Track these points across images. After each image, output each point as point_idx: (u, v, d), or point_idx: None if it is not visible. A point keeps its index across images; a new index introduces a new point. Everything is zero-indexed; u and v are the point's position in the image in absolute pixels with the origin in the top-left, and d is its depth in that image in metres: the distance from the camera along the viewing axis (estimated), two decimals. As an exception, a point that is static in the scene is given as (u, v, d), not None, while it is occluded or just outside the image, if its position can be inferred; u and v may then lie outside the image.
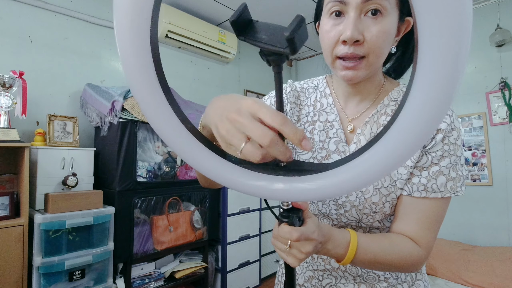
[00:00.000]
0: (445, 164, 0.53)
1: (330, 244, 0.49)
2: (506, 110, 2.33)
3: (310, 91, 0.67)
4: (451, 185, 0.53)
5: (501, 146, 2.36)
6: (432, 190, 0.53)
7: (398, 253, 0.52)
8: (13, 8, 1.78)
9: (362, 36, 0.48)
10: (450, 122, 0.53)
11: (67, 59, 1.98)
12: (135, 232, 1.76)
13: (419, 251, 0.53)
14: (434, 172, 0.53)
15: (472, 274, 2.07)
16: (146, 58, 0.29)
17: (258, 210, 2.56)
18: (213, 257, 2.30)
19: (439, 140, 0.53)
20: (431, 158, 0.53)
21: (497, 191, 2.36)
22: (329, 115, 0.62)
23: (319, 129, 0.63)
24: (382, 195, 0.56)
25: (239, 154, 0.31)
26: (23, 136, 1.75)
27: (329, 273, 0.64)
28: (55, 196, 1.47)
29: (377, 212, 0.57)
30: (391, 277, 0.61)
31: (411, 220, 0.54)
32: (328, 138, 0.61)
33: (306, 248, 0.44)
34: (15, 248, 1.37)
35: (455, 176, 0.53)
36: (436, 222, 0.55)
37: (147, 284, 1.83)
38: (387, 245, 0.53)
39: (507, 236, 2.30)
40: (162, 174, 1.95)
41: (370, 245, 0.52)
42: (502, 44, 2.32)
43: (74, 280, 1.49)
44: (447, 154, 0.53)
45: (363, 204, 0.57)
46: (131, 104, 1.79)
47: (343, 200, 0.59)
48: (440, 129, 0.53)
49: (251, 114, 0.31)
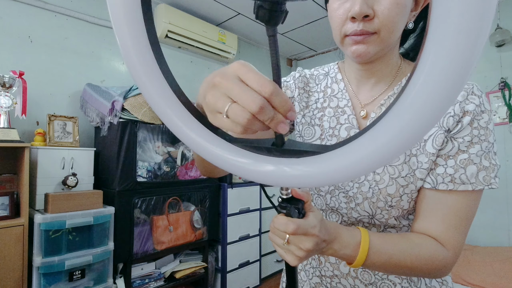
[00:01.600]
0: (475, 151, 0.46)
1: (337, 244, 0.44)
2: (506, 110, 2.33)
3: (321, 78, 0.63)
4: (484, 176, 0.46)
5: (501, 146, 2.36)
6: (461, 182, 0.46)
7: (419, 256, 0.45)
8: (13, 8, 1.78)
9: (372, 11, 0.44)
10: (480, 103, 0.46)
11: (67, 59, 1.98)
12: (135, 232, 1.76)
13: (445, 254, 0.46)
14: (463, 161, 0.46)
15: (472, 274, 2.07)
16: (137, 14, 0.27)
17: (258, 210, 2.56)
18: (213, 257, 2.30)
19: (466, 123, 0.46)
20: (458, 145, 0.46)
21: (497, 191, 2.36)
22: (340, 100, 0.58)
23: (329, 115, 0.58)
24: (400, 185, 0.49)
25: (225, 118, 0.28)
26: (23, 136, 1.75)
27: (338, 281, 0.57)
28: (55, 196, 1.47)
29: (393, 206, 0.50)
30: (409, 286, 0.53)
31: (436, 218, 0.47)
32: (339, 124, 0.57)
33: (305, 244, 0.39)
34: (15, 248, 1.37)
35: (488, 165, 0.46)
36: (466, 219, 0.47)
37: (147, 284, 1.83)
38: (405, 246, 0.46)
39: (507, 236, 2.30)
40: (162, 174, 1.95)
41: (384, 245, 0.45)
42: (502, 44, 2.32)
43: (74, 280, 1.49)
44: (477, 139, 0.46)
45: (377, 196, 0.50)
46: (131, 104, 1.79)
47: (354, 191, 0.52)
48: (468, 111, 0.46)
49: (238, 77, 0.28)
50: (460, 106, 0.46)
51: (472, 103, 0.46)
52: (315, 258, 0.61)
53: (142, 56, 0.28)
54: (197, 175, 2.14)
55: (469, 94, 0.47)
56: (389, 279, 0.54)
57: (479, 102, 0.46)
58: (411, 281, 0.53)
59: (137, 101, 1.82)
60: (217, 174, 0.58)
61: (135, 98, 1.82)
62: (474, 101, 0.46)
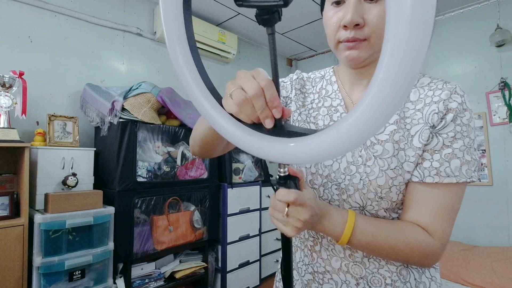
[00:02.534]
0: (458, 146, 0.50)
1: (326, 220, 0.48)
2: (506, 110, 2.33)
3: (317, 80, 0.68)
4: (466, 169, 0.49)
5: (501, 146, 2.36)
6: (446, 175, 0.49)
7: (404, 239, 0.49)
8: (13, 8, 1.78)
9: (363, 20, 0.48)
10: (462, 101, 0.50)
11: (67, 59, 1.98)
12: (135, 232, 1.76)
13: (431, 241, 0.49)
14: (447, 155, 0.50)
15: (472, 274, 2.07)
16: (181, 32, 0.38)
17: (258, 210, 2.56)
18: (213, 257, 2.30)
19: (450, 120, 0.50)
20: (443, 140, 0.50)
21: (497, 191, 2.36)
22: (334, 100, 0.62)
23: (323, 114, 0.63)
24: (389, 177, 0.52)
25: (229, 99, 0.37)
26: (23, 136, 1.75)
27: (330, 276, 0.59)
28: (55, 196, 1.47)
29: (383, 198, 0.53)
30: (399, 280, 0.55)
31: (423, 209, 0.50)
32: (332, 121, 0.61)
33: (302, 215, 0.43)
34: (15, 248, 1.37)
35: (470, 159, 0.49)
36: (451, 210, 0.50)
37: (147, 284, 1.83)
38: (391, 229, 0.50)
39: (507, 236, 2.30)
40: (162, 174, 1.95)
41: (370, 226, 0.49)
42: (502, 44, 2.32)
43: (74, 280, 1.49)
44: (460, 135, 0.50)
45: (367, 187, 0.53)
46: (131, 104, 1.79)
47: (346, 183, 0.56)
48: (451, 109, 0.50)
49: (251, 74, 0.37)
50: (444, 104, 0.50)
51: (455, 101, 0.50)
52: (308, 255, 0.63)
53: (183, 48, 0.38)
54: (197, 175, 2.14)
55: (452, 93, 0.51)
56: (379, 273, 0.55)
57: (461, 101, 0.50)
58: (401, 274, 0.55)
59: (137, 101, 1.82)
60: (212, 154, 0.63)
61: (135, 98, 1.82)
62: (457, 99, 0.50)
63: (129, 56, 2.31)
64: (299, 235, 0.66)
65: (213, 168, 2.23)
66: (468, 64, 2.54)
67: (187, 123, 2.04)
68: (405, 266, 0.56)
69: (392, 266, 0.55)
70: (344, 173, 0.56)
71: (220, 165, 2.34)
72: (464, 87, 2.17)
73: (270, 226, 2.73)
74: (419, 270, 0.57)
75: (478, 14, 2.50)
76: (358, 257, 0.56)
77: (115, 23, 2.22)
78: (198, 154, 0.64)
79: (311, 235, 0.63)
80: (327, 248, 0.59)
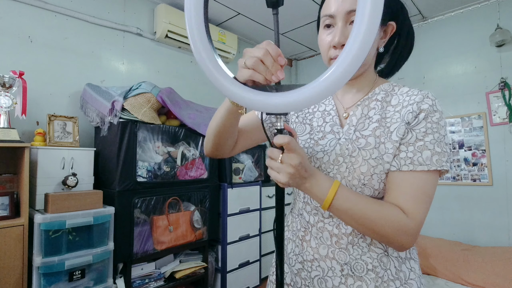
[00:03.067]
0: (429, 139, 0.58)
1: (313, 180, 0.55)
2: (506, 110, 2.33)
3: None
4: (437, 159, 0.58)
5: (501, 146, 2.36)
6: (418, 163, 0.58)
7: (381, 210, 0.55)
8: (13, 8, 1.78)
9: None
10: (432, 104, 0.60)
11: (67, 59, 1.98)
12: (135, 232, 1.76)
13: (406, 219, 0.55)
14: (419, 147, 0.58)
15: (472, 274, 2.07)
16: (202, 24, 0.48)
17: (258, 210, 2.56)
18: (213, 257, 2.30)
19: (421, 118, 0.59)
20: (416, 134, 0.59)
21: (497, 191, 2.36)
22: (327, 106, 0.74)
23: (317, 117, 0.74)
24: (370, 166, 0.60)
25: (244, 68, 0.49)
26: (23, 136, 1.75)
27: (318, 264, 0.65)
28: (55, 196, 1.47)
29: (366, 185, 0.61)
30: (379, 266, 0.61)
31: (400, 193, 0.58)
32: (325, 123, 0.71)
33: (294, 160, 0.50)
34: (15, 248, 1.37)
35: (440, 151, 0.58)
36: (424, 195, 0.57)
37: (147, 284, 1.83)
38: (370, 200, 0.57)
39: (507, 236, 2.30)
40: (162, 174, 1.95)
41: (353, 194, 0.56)
42: (502, 44, 2.32)
43: (74, 280, 1.49)
44: (431, 131, 0.59)
45: (352, 174, 0.62)
46: (131, 104, 1.79)
47: (334, 172, 0.64)
48: (423, 109, 0.60)
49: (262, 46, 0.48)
50: (417, 105, 0.60)
51: (427, 103, 0.60)
52: (298, 245, 0.70)
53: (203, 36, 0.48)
54: (197, 175, 2.15)
55: (425, 98, 0.61)
56: (362, 259, 0.62)
57: (432, 104, 0.60)
58: (381, 261, 0.62)
59: (137, 101, 1.82)
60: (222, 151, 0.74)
61: (135, 98, 1.82)
62: (428, 102, 0.60)
63: (129, 56, 2.31)
64: (292, 227, 0.74)
65: (213, 168, 2.23)
66: (468, 64, 2.54)
67: (187, 123, 2.04)
68: (385, 254, 0.62)
69: (373, 253, 0.62)
70: (333, 164, 0.65)
71: (220, 165, 2.34)
72: (464, 87, 2.17)
73: (270, 226, 2.73)
74: (399, 259, 0.63)
75: (478, 14, 2.50)
76: (343, 243, 0.63)
77: (115, 23, 2.22)
78: (210, 151, 0.74)
79: (303, 225, 0.70)
80: (316, 236, 0.67)
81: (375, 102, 0.66)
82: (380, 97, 0.66)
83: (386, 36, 0.66)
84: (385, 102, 0.65)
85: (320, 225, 0.66)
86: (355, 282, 0.62)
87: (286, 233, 0.76)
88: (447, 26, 2.67)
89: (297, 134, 0.55)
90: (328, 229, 0.65)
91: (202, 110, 2.26)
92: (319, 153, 0.68)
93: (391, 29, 0.66)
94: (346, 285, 0.62)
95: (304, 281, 0.68)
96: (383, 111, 0.64)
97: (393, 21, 0.65)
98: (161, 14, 2.36)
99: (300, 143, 0.73)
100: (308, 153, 0.70)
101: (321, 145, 0.68)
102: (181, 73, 2.65)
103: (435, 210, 2.63)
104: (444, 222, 2.58)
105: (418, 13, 2.69)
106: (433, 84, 2.71)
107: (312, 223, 0.68)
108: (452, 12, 2.63)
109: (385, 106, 0.65)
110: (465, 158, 2.52)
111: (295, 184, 0.54)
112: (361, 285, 0.61)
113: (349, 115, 0.69)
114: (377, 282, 0.61)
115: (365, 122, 0.65)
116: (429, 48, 2.73)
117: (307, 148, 0.71)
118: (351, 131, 0.65)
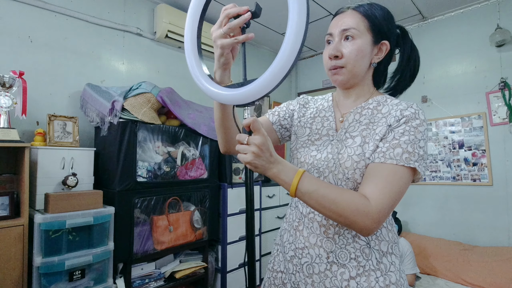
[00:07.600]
0: (404, 139, 0.64)
1: (280, 166, 0.61)
2: (506, 110, 2.33)
3: (319, 100, 0.90)
4: (406, 157, 0.63)
5: (501, 146, 2.36)
6: (389, 157, 0.64)
7: (343, 194, 0.60)
8: (13, 8, 1.78)
9: (340, 53, 0.71)
10: (415, 112, 0.67)
11: (67, 59, 1.98)
12: (135, 232, 1.76)
13: (367, 202, 0.60)
14: (394, 144, 0.65)
15: (472, 274, 2.07)
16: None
17: (258, 210, 2.56)
18: (213, 257, 2.30)
19: (402, 122, 0.66)
20: (394, 134, 0.66)
21: (497, 191, 2.36)
22: (327, 111, 0.83)
23: (317, 121, 0.83)
24: (354, 161, 0.68)
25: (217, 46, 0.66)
26: (23, 136, 1.75)
27: (307, 251, 0.73)
28: (55, 196, 1.47)
29: (349, 179, 0.68)
30: (361, 256, 0.68)
31: (369, 181, 0.63)
32: (323, 127, 0.81)
33: (257, 140, 0.57)
34: (15, 248, 1.37)
35: (411, 150, 0.63)
36: (389, 184, 0.62)
37: (147, 284, 1.83)
38: (333, 186, 0.63)
39: (507, 236, 2.30)
40: (162, 174, 1.95)
41: (316, 179, 0.63)
42: (502, 44, 2.32)
43: (74, 280, 1.49)
44: (407, 133, 0.65)
45: (338, 169, 0.70)
46: (131, 104, 1.79)
47: (323, 167, 0.73)
48: (405, 115, 0.67)
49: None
50: (401, 112, 0.68)
51: (409, 111, 0.67)
52: (292, 234, 0.78)
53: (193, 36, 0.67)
54: (197, 175, 2.15)
55: (409, 107, 0.68)
56: (346, 248, 0.69)
57: (415, 112, 0.67)
58: (363, 252, 0.68)
59: (137, 101, 1.82)
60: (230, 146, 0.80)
61: (135, 98, 1.82)
62: (411, 110, 0.67)
63: (129, 56, 2.31)
64: (288, 219, 0.82)
65: (213, 168, 2.23)
66: (468, 64, 2.54)
67: (187, 123, 2.04)
68: (367, 246, 0.68)
69: (357, 244, 0.68)
70: (323, 161, 0.73)
71: (220, 165, 2.34)
72: (464, 87, 2.18)
73: (270, 226, 2.73)
74: (380, 252, 0.69)
75: (478, 14, 2.50)
76: (331, 233, 0.70)
77: (115, 23, 2.22)
78: (223, 147, 0.81)
79: (297, 216, 0.78)
80: (307, 226, 0.75)
81: (367, 110, 0.75)
82: (372, 106, 0.74)
83: (382, 53, 0.75)
84: (376, 110, 0.73)
85: (311, 216, 0.74)
86: (339, 269, 0.68)
87: (284, 225, 0.84)
88: (447, 26, 2.67)
89: (258, 122, 0.62)
90: (318, 220, 0.72)
91: (202, 110, 2.26)
92: (313, 151, 0.77)
93: (385, 48, 0.75)
94: (331, 271, 0.69)
95: (295, 267, 0.75)
96: (372, 117, 0.72)
97: (386, 41, 0.74)
98: (161, 14, 2.36)
99: (300, 143, 0.82)
100: (304, 151, 0.79)
101: (316, 145, 0.78)
102: (181, 73, 2.65)
103: (435, 210, 2.63)
104: (444, 222, 2.58)
105: (418, 13, 2.69)
106: (433, 84, 2.71)
107: (304, 214, 0.76)
108: (452, 12, 2.63)
109: (375, 113, 0.73)
110: (465, 158, 2.52)
111: (262, 168, 0.59)
112: (344, 272, 0.68)
113: (344, 119, 0.78)
114: (359, 270, 0.67)
115: (355, 126, 0.74)
116: (429, 48, 2.73)
117: (304, 148, 0.80)
118: (342, 133, 0.75)
